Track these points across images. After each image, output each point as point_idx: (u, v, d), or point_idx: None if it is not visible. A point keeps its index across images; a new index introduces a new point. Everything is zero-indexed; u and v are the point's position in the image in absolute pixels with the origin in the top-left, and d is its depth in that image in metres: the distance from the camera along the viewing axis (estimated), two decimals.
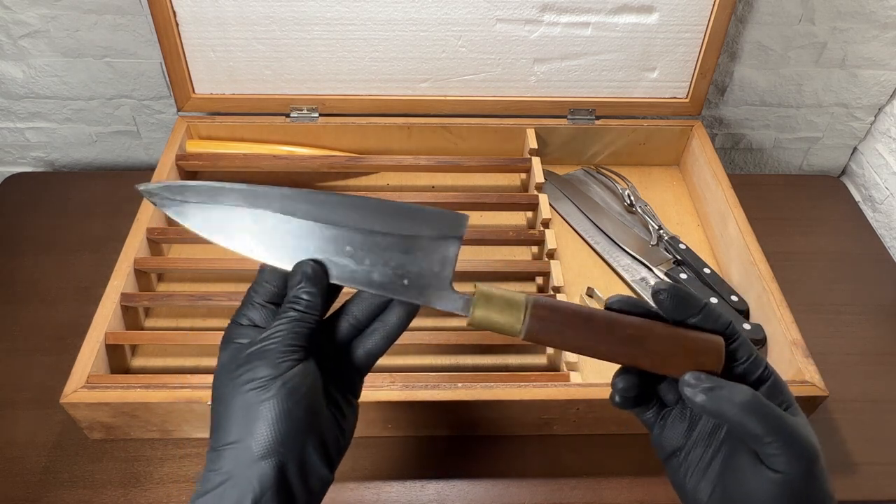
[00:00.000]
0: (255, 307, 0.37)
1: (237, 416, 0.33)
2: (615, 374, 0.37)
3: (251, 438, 0.33)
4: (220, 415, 0.34)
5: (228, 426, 0.33)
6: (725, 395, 0.34)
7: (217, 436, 0.34)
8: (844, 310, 0.77)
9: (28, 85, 0.87)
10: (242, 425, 0.33)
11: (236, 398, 0.33)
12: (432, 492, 0.60)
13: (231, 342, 0.36)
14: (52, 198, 0.87)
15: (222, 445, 0.33)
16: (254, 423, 0.33)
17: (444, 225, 0.36)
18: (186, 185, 0.37)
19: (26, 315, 0.73)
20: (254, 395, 0.33)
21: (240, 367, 0.34)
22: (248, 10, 0.75)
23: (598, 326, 0.35)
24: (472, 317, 0.35)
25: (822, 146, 1.00)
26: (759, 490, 0.34)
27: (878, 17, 0.84)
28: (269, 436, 0.33)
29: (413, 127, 0.84)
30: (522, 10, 0.76)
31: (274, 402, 0.33)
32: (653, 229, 0.78)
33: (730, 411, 0.33)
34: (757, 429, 0.33)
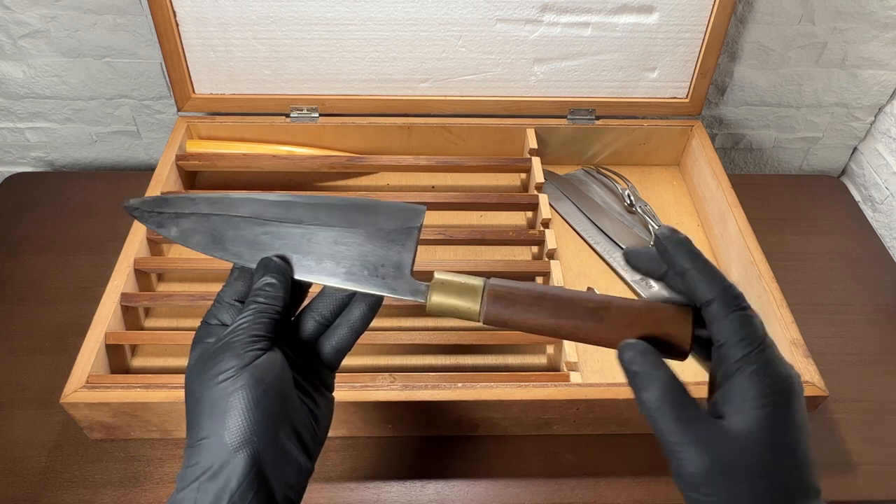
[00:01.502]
0: (223, 306, 0.39)
1: (208, 410, 0.33)
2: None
3: (224, 431, 0.33)
4: (193, 411, 0.34)
5: (200, 421, 0.33)
6: (639, 382, 0.33)
7: (192, 432, 0.34)
8: (844, 310, 0.77)
9: (28, 85, 0.87)
10: (214, 419, 0.33)
11: (206, 392, 0.34)
12: (432, 492, 0.60)
13: (200, 342, 0.37)
14: (52, 198, 0.87)
15: (197, 441, 0.33)
16: (225, 416, 0.33)
17: (402, 217, 0.38)
18: (163, 199, 0.40)
19: (26, 315, 0.73)
20: (223, 388, 0.33)
21: (208, 362, 0.35)
22: (248, 10, 0.75)
23: (556, 303, 0.35)
24: (429, 302, 0.35)
25: (822, 146, 1.00)
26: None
27: (878, 17, 0.84)
28: (241, 426, 0.33)
29: (413, 127, 0.84)
30: (522, 10, 0.76)
31: (243, 393, 0.33)
32: (653, 229, 0.78)
33: (643, 402, 0.33)
34: (658, 432, 0.32)
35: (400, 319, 0.71)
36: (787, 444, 0.32)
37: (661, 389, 0.32)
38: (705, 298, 0.34)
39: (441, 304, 0.35)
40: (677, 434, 0.31)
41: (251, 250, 0.38)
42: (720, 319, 0.33)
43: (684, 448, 0.31)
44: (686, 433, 0.31)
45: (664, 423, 0.32)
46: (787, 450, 0.32)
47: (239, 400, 0.33)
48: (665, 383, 0.33)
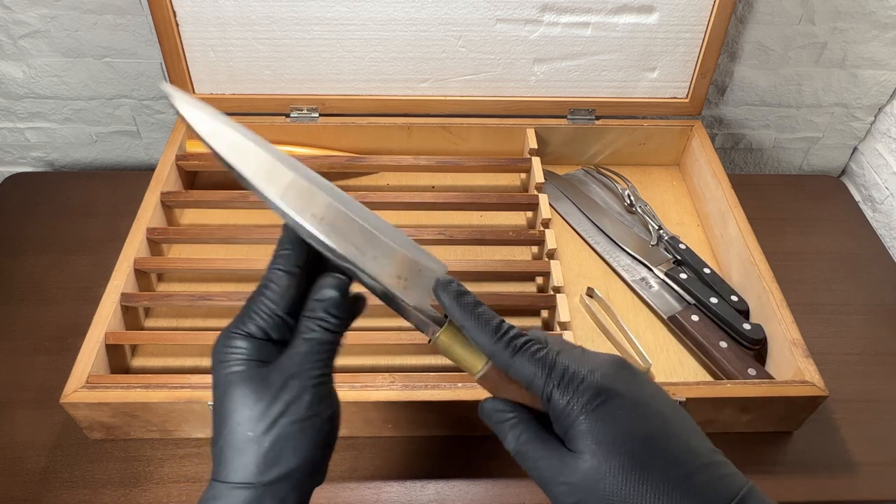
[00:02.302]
0: (274, 320, 0.35)
1: (277, 443, 0.33)
2: None
3: (293, 465, 0.33)
4: (255, 448, 0.33)
5: (270, 459, 0.32)
6: (499, 431, 0.35)
7: (240, 469, 0.32)
8: (844, 310, 0.77)
9: (28, 85, 0.87)
10: (284, 453, 0.33)
11: (275, 428, 0.33)
12: (432, 492, 0.60)
13: (245, 358, 0.34)
14: (52, 198, 0.87)
15: (257, 483, 0.32)
16: (294, 452, 0.33)
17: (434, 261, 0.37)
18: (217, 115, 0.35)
19: (26, 315, 0.73)
20: (297, 426, 0.33)
21: (277, 395, 0.33)
22: (248, 10, 0.75)
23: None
24: (437, 338, 0.36)
25: (822, 146, 1.00)
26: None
27: (878, 17, 0.84)
28: (309, 461, 0.33)
29: (413, 127, 0.84)
30: (522, 10, 0.76)
31: (313, 433, 0.34)
32: (653, 229, 0.78)
33: (507, 448, 0.35)
34: (530, 471, 0.34)
35: (400, 319, 0.71)
36: (640, 427, 0.32)
37: (515, 435, 0.35)
38: (487, 352, 0.35)
39: (448, 345, 0.36)
40: (542, 472, 0.34)
41: (295, 199, 0.34)
42: (508, 367, 0.34)
43: (552, 487, 0.33)
44: (547, 471, 0.33)
45: (530, 465, 0.34)
46: (647, 430, 0.32)
47: (309, 439, 0.33)
48: (518, 428, 0.35)
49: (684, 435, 0.33)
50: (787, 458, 0.64)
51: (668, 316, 0.70)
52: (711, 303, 0.69)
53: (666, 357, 0.69)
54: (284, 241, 0.36)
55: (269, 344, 0.35)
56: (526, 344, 0.34)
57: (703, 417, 0.62)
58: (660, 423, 0.32)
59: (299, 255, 0.35)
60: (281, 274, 0.35)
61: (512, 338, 0.34)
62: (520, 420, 0.35)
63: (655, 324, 0.72)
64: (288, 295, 0.35)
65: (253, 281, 0.77)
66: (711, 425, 0.64)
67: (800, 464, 0.63)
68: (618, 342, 0.69)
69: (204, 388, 0.58)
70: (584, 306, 0.73)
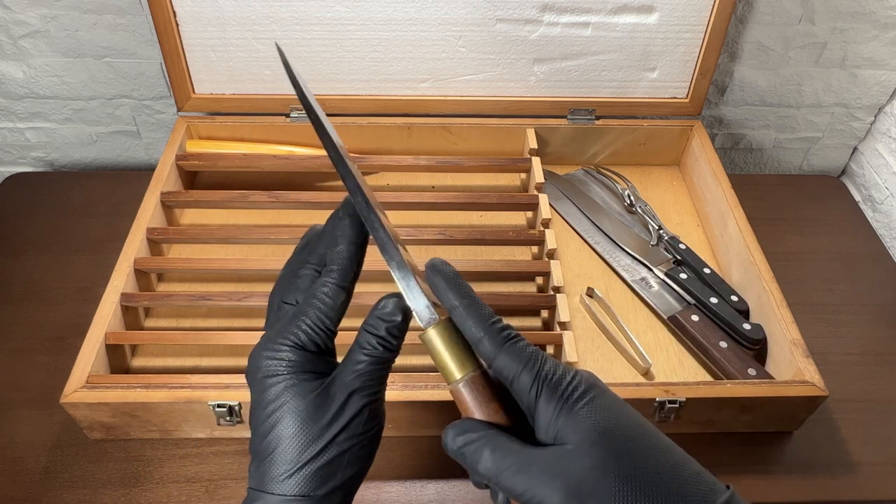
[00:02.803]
0: (325, 334, 0.35)
1: (342, 455, 0.34)
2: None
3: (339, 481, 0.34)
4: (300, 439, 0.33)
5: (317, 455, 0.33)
6: (470, 457, 0.32)
7: (295, 484, 0.33)
8: (844, 310, 0.77)
9: (28, 85, 0.87)
10: (336, 473, 0.33)
11: (339, 440, 0.34)
12: (432, 492, 0.60)
13: (295, 371, 0.34)
14: (52, 198, 0.87)
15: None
16: (346, 469, 0.34)
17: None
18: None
19: (26, 315, 0.73)
20: (360, 439, 0.34)
21: (337, 413, 0.34)
22: (248, 10, 0.75)
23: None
24: (426, 331, 0.34)
25: (822, 146, 1.00)
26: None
27: (878, 17, 0.84)
28: (357, 477, 0.35)
29: (413, 127, 0.84)
30: (522, 10, 0.76)
31: (369, 447, 0.35)
32: (653, 229, 0.78)
33: (483, 474, 0.32)
34: (508, 492, 0.31)
35: None
36: (633, 419, 0.32)
37: (489, 452, 0.32)
38: (474, 337, 0.33)
39: (433, 342, 0.34)
40: (524, 483, 0.30)
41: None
42: (496, 357, 0.33)
43: (538, 492, 0.30)
44: (531, 479, 0.30)
45: (510, 481, 0.31)
46: (631, 429, 0.31)
47: (364, 452, 0.35)
48: (491, 445, 0.32)
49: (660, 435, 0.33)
50: (787, 458, 0.64)
51: (668, 316, 0.70)
52: (711, 303, 0.69)
53: (666, 357, 0.69)
54: (341, 256, 0.36)
55: (315, 355, 0.35)
56: (516, 337, 0.34)
57: (703, 417, 0.62)
58: (643, 420, 0.33)
59: (353, 271, 0.36)
60: (336, 289, 0.35)
61: (503, 328, 0.34)
62: (492, 436, 0.32)
63: (655, 324, 0.72)
64: (340, 309, 0.36)
65: (253, 281, 0.77)
66: (711, 425, 0.64)
67: (800, 464, 0.63)
68: (618, 342, 0.69)
69: (204, 388, 0.58)
70: (584, 306, 0.73)
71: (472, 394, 0.33)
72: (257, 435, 0.34)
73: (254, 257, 0.76)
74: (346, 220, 0.36)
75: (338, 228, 0.36)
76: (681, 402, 0.59)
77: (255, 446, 0.34)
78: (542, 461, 0.31)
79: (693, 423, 0.63)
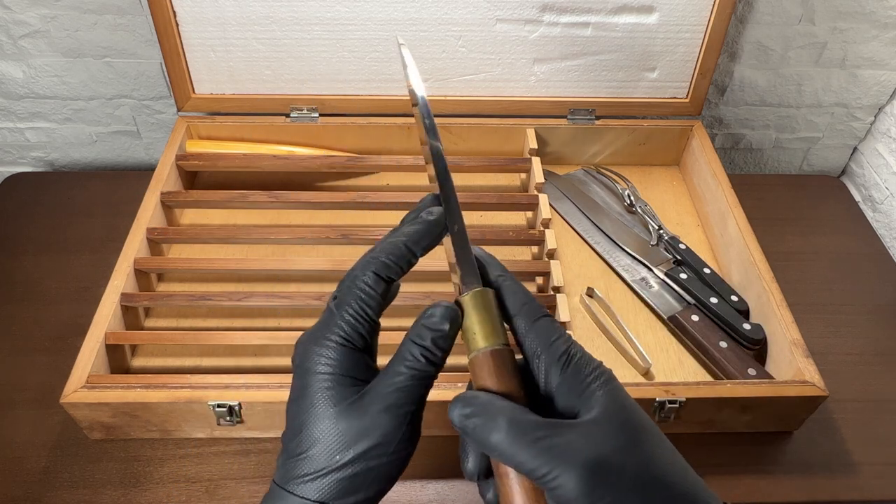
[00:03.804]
0: (363, 357, 0.34)
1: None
2: None
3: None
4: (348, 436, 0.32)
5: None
6: (480, 429, 0.30)
7: (318, 489, 0.32)
8: (844, 310, 0.77)
9: (28, 85, 0.87)
10: (360, 487, 0.32)
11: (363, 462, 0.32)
12: (432, 492, 0.60)
13: (342, 373, 0.33)
14: (52, 198, 0.87)
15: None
16: (371, 486, 0.33)
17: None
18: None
19: (26, 315, 0.73)
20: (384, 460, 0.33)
21: (368, 428, 0.32)
22: (248, 10, 0.75)
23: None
24: (466, 296, 0.34)
25: (822, 146, 1.00)
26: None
27: (878, 17, 0.84)
28: (379, 495, 0.33)
29: (413, 127, 0.84)
30: (522, 10, 0.76)
31: (399, 467, 0.34)
32: (653, 229, 0.78)
33: (492, 448, 0.30)
34: (520, 467, 0.29)
35: (401, 319, 0.71)
36: (645, 417, 0.31)
37: (506, 422, 0.30)
38: (518, 303, 0.34)
39: (469, 306, 0.34)
40: (543, 459, 0.29)
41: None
42: (535, 322, 0.33)
43: (556, 468, 0.28)
44: (550, 452, 0.29)
45: (525, 457, 0.29)
46: (648, 422, 0.31)
47: (393, 472, 0.33)
48: (506, 416, 0.30)
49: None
50: (787, 458, 0.64)
51: (668, 316, 0.70)
52: (711, 303, 0.69)
53: (666, 357, 0.69)
54: (392, 247, 0.36)
55: (358, 354, 0.34)
56: (548, 315, 0.34)
57: (703, 417, 0.62)
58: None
59: (398, 266, 0.36)
60: (376, 278, 0.35)
61: (539, 306, 0.34)
62: (510, 407, 0.31)
63: (655, 324, 0.72)
64: (381, 301, 0.35)
65: (253, 281, 0.77)
66: (711, 425, 0.64)
67: (800, 464, 0.63)
68: (618, 342, 0.69)
69: (204, 388, 0.58)
70: (584, 306, 0.73)
71: (496, 363, 0.32)
72: (290, 428, 0.33)
73: (254, 257, 0.76)
74: (419, 220, 0.36)
75: (407, 223, 0.36)
76: (681, 402, 0.59)
77: (286, 440, 0.33)
78: (564, 437, 0.29)
79: (693, 423, 0.63)
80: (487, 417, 0.30)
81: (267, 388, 0.58)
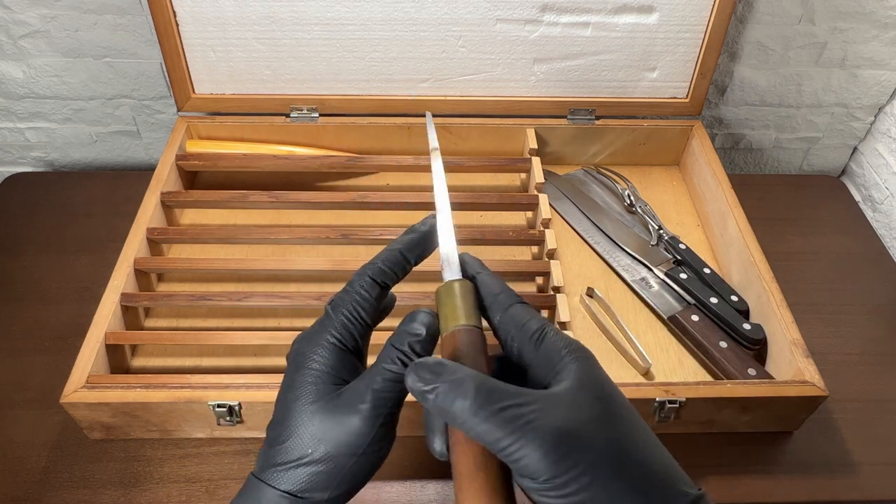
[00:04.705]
0: (354, 324, 0.35)
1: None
2: None
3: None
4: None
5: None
6: (443, 396, 0.29)
7: (288, 480, 0.33)
8: (844, 310, 0.77)
9: (28, 85, 0.87)
10: (329, 484, 0.33)
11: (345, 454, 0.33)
12: (432, 492, 0.60)
13: (321, 374, 0.34)
14: (52, 198, 0.87)
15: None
16: (340, 483, 0.33)
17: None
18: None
19: (26, 315, 0.73)
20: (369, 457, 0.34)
21: (339, 424, 0.33)
22: (248, 10, 0.75)
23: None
24: (452, 282, 0.36)
25: (822, 146, 1.00)
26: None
27: (878, 17, 0.84)
28: (348, 494, 0.34)
29: (413, 127, 0.84)
30: (522, 10, 0.76)
31: (369, 468, 0.34)
32: (653, 229, 0.78)
33: (454, 417, 0.29)
34: (486, 435, 0.28)
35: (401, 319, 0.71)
36: (621, 395, 0.31)
37: (474, 389, 0.29)
38: (494, 291, 0.35)
39: (446, 293, 0.35)
40: (507, 429, 0.28)
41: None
42: (510, 306, 0.34)
43: (520, 438, 0.27)
44: (515, 422, 0.28)
45: (488, 427, 0.28)
46: (615, 395, 0.31)
47: (363, 472, 0.34)
48: (474, 381, 0.29)
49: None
50: (787, 458, 0.64)
51: (668, 316, 0.70)
52: (711, 303, 0.69)
53: (666, 357, 0.69)
54: (387, 254, 0.37)
55: (347, 356, 0.35)
56: (523, 303, 0.35)
57: (703, 417, 0.62)
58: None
59: (394, 273, 0.37)
60: (372, 282, 0.36)
61: (513, 295, 0.35)
62: (476, 375, 0.30)
63: (655, 324, 0.72)
64: (376, 304, 0.36)
65: (253, 281, 0.77)
66: (711, 425, 0.64)
67: (800, 464, 0.63)
68: (618, 342, 0.69)
69: (204, 388, 0.58)
70: (584, 306, 0.73)
71: (468, 340, 0.33)
72: (273, 419, 0.34)
73: (254, 257, 0.76)
74: (413, 231, 0.38)
75: (403, 234, 0.38)
76: (681, 402, 0.59)
77: (269, 429, 0.34)
78: (530, 406, 0.28)
79: (693, 423, 0.63)
80: (453, 384, 0.29)
81: (267, 388, 0.58)
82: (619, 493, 0.27)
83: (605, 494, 0.27)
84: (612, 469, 0.28)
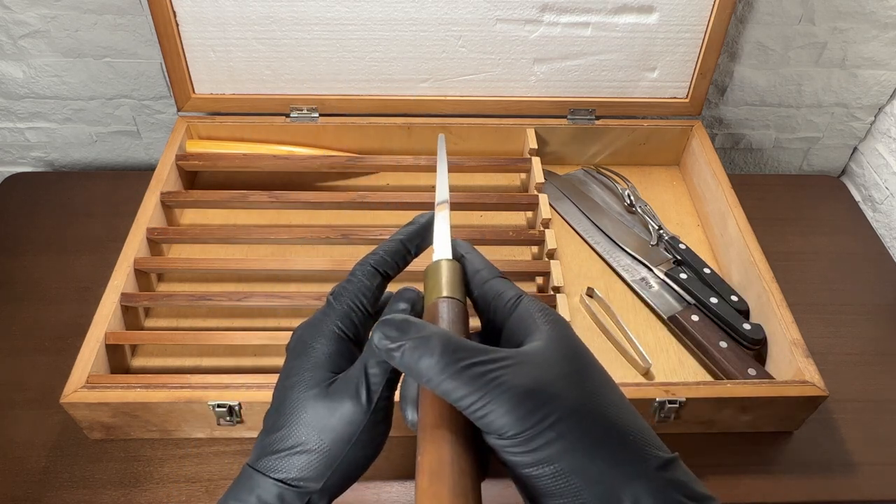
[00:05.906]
0: (356, 313, 0.35)
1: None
2: None
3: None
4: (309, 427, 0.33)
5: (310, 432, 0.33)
6: (410, 353, 0.29)
7: (283, 469, 0.32)
8: (844, 310, 0.77)
9: (28, 85, 0.87)
10: (325, 473, 0.32)
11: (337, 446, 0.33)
12: None
13: (318, 364, 0.34)
14: (52, 198, 0.87)
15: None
16: (335, 472, 0.32)
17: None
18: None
19: (26, 315, 0.73)
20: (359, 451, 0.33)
21: (333, 412, 0.33)
22: (248, 10, 0.75)
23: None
24: (442, 260, 0.36)
25: (822, 146, 1.00)
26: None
27: (878, 17, 0.84)
28: (344, 482, 0.33)
29: (413, 127, 0.84)
30: (522, 10, 0.76)
31: (365, 456, 0.34)
32: (653, 229, 0.78)
33: (421, 374, 0.28)
34: (452, 392, 0.28)
35: None
36: (583, 349, 0.31)
37: (441, 346, 0.28)
38: (477, 266, 0.36)
39: (433, 270, 0.35)
40: (474, 385, 0.27)
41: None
42: (492, 279, 0.35)
43: (487, 395, 0.27)
44: (482, 378, 0.27)
45: (455, 384, 0.27)
46: (588, 357, 0.31)
47: (359, 458, 0.34)
48: (441, 338, 0.29)
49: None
50: (787, 458, 0.64)
51: (668, 316, 0.70)
52: (711, 303, 0.69)
53: (666, 357, 0.69)
54: (387, 245, 0.38)
55: (346, 345, 0.35)
56: (503, 277, 0.35)
57: (704, 417, 0.62)
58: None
59: (394, 262, 0.37)
60: (372, 271, 0.36)
61: (494, 270, 0.36)
62: (443, 332, 0.29)
63: (655, 324, 0.72)
64: (376, 292, 0.36)
65: (253, 281, 0.77)
66: (711, 425, 0.64)
67: (800, 464, 0.63)
68: (618, 342, 0.69)
69: (204, 388, 0.58)
70: (584, 306, 0.73)
71: (447, 308, 0.33)
72: (271, 406, 0.34)
73: (254, 257, 0.76)
74: (413, 223, 0.38)
75: (409, 224, 0.38)
76: (681, 402, 0.59)
77: (266, 416, 0.34)
78: (498, 363, 0.28)
79: (693, 423, 0.63)
80: (420, 341, 0.29)
81: (267, 388, 0.58)
82: (585, 450, 0.27)
83: (572, 451, 0.27)
84: (581, 426, 0.27)
